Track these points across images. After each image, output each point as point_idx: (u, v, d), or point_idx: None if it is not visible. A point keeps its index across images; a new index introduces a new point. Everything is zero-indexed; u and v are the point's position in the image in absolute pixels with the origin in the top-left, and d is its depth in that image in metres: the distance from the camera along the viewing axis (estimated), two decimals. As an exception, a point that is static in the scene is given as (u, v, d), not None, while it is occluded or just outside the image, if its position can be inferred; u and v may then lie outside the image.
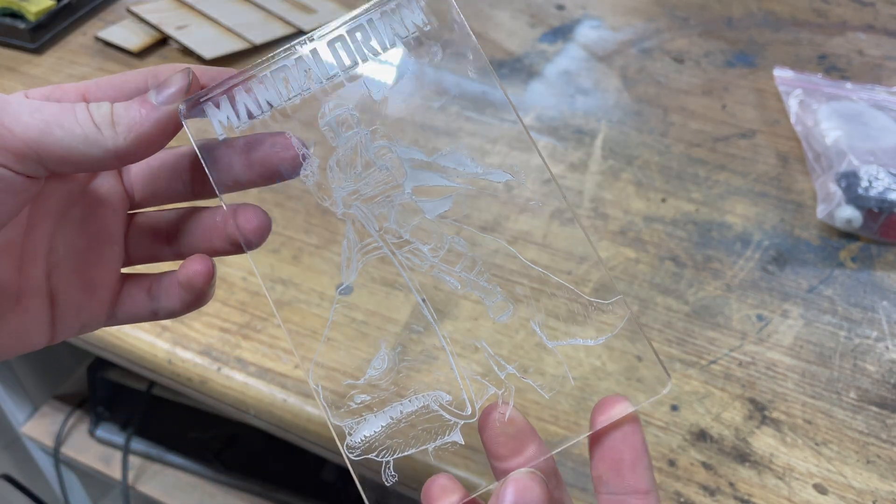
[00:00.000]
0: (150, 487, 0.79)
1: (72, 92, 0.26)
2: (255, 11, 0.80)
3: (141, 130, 0.24)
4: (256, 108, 0.26)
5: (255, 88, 0.26)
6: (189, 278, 0.27)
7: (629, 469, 0.24)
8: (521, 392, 0.46)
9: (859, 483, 0.42)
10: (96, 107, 0.24)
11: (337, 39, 0.26)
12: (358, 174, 0.27)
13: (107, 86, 0.26)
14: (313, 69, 0.26)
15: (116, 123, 0.24)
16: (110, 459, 0.80)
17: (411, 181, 0.27)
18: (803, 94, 0.69)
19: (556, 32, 0.81)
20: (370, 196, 0.27)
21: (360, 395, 0.26)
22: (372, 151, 0.27)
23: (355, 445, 0.25)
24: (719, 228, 0.58)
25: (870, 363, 0.48)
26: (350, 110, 0.27)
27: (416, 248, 0.27)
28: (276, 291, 0.52)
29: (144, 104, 0.24)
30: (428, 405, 0.26)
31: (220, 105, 0.26)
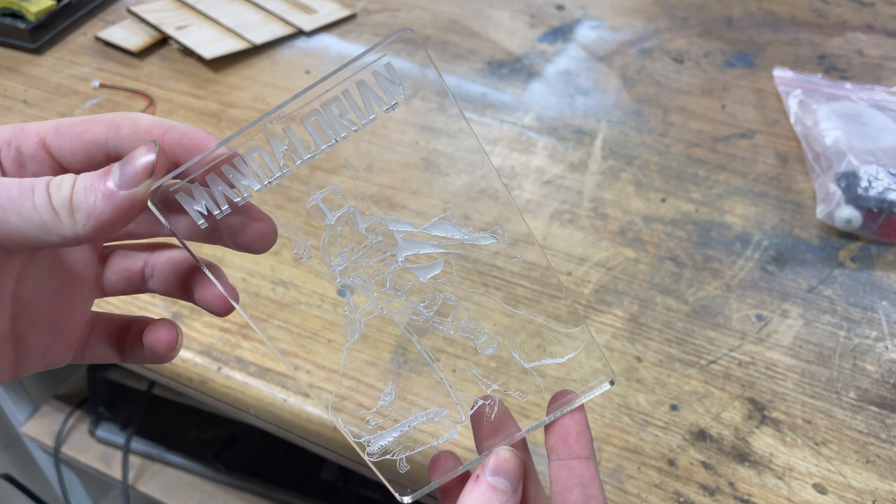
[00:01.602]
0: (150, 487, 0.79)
1: (33, 135, 0.25)
2: (255, 11, 0.80)
3: (101, 218, 0.23)
4: (233, 194, 0.25)
5: (231, 174, 0.25)
6: (153, 344, 0.27)
7: (574, 439, 0.30)
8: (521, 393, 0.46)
9: (859, 483, 0.42)
10: (56, 188, 0.23)
11: (312, 115, 0.24)
12: (352, 249, 0.29)
13: (66, 134, 0.25)
14: (291, 153, 0.25)
15: (76, 210, 0.23)
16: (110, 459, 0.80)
17: (403, 251, 0.29)
18: (803, 95, 0.69)
19: (556, 33, 0.81)
20: (365, 267, 0.29)
21: (375, 419, 0.31)
22: (362, 227, 0.29)
23: (374, 453, 0.31)
24: (719, 228, 0.58)
25: (869, 363, 0.48)
26: (335, 189, 0.28)
27: (413, 307, 0.30)
28: (276, 293, 0.52)
29: (104, 190, 0.23)
30: (431, 418, 0.32)
31: (194, 195, 0.25)
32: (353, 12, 0.82)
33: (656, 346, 0.49)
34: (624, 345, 0.49)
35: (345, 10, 0.82)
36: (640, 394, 0.46)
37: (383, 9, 0.84)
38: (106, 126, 0.25)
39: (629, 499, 0.41)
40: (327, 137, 0.25)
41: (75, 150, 0.25)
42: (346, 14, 0.81)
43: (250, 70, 0.73)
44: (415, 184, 0.60)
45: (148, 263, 0.29)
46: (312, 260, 0.28)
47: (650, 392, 0.46)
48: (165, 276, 0.29)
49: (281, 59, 0.75)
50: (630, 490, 0.42)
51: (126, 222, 0.24)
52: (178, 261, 0.29)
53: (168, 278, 0.29)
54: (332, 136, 0.25)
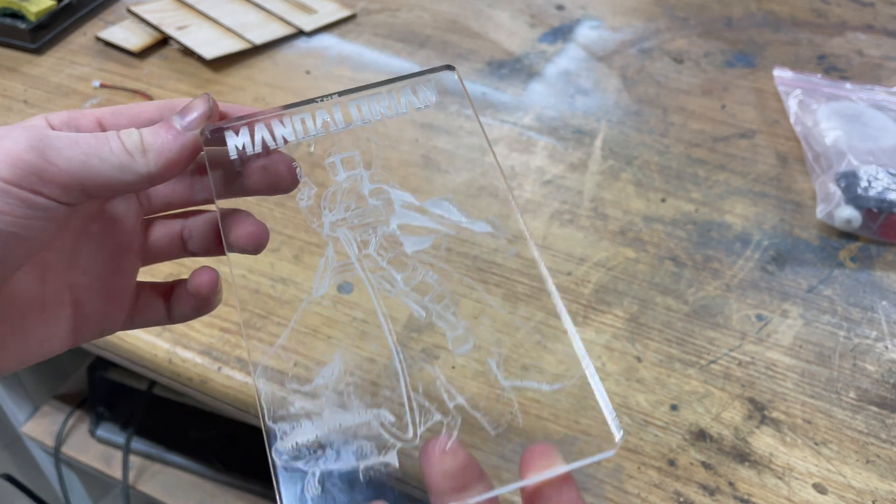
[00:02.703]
0: (150, 487, 0.79)
1: (89, 117, 0.28)
2: (255, 11, 0.80)
3: (169, 156, 0.26)
4: (271, 140, 0.29)
5: (274, 125, 0.29)
6: (196, 287, 0.30)
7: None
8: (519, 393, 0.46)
9: (859, 483, 0.42)
10: (126, 135, 0.26)
11: (356, 101, 0.29)
12: (350, 205, 0.30)
13: (123, 115, 0.29)
14: (330, 122, 0.29)
15: (147, 150, 0.26)
16: (111, 459, 0.80)
17: (398, 219, 0.30)
18: (803, 95, 0.69)
19: (556, 33, 0.81)
20: (356, 225, 0.30)
21: (302, 401, 0.26)
22: (367, 189, 0.30)
23: (284, 451, 0.24)
24: (719, 228, 0.58)
25: (869, 363, 0.48)
26: (355, 154, 0.30)
27: (390, 275, 0.29)
28: (276, 290, 0.52)
29: (170, 130, 0.27)
30: (369, 422, 0.25)
31: (238, 133, 0.28)
32: (354, 12, 0.82)
33: (656, 346, 0.49)
34: (624, 345, 0.49)
35: (345, 10, 0.82)
36: (640, 394, 0.46)
37: (383, 9, 0.84)
38: (159, 108, 0.29)
39: (629, 498, 0.41)
40: (363, 117, 0.29)
41: (132, 127, 0.28)
42: (346, 14, 0.81)
43: (250, 70, 0.73)
44: (415, 181, 0.60)
45: (185, 227, 0.32)
46: (311, 206, 0.29)
47: (650, 392, 0.46)
48: (202, 235, 0.31)
49: (281, 59, 0.75)
50: (630, 490, 0.42)
51: (187, 161, 0.27)
52: (212, 219, 0.32)
53: (205, 237, 0.31)
54: (368, 116, 0.29)
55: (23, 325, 0.27)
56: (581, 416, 0.33)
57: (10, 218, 0.23)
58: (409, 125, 0.66)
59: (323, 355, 0.27)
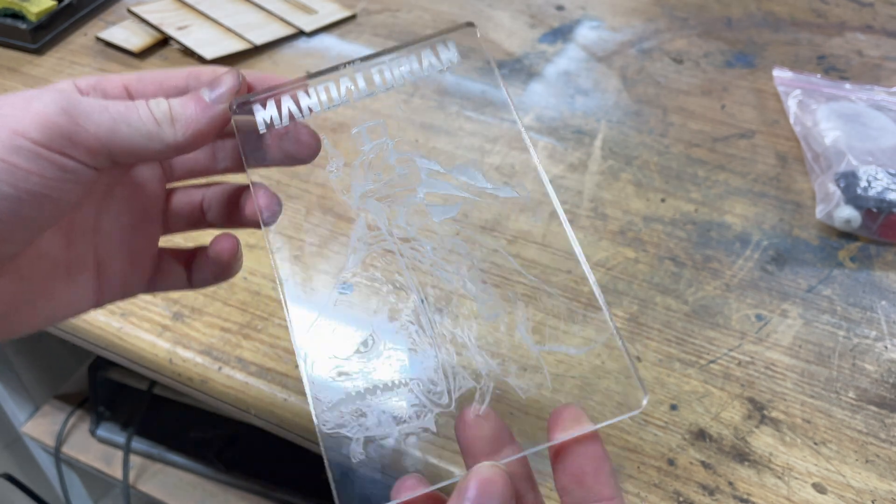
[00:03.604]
0: (150, 487, 0.79)
1: (115, 82, 0.28)
2: (256, 12, 0.80)
3: (197, 127, 0.27)
4: (297, 112, 0.29)
5: (300, 96, 0.29)
6: (217, 253, 0.31)
7: (592, 479, 0.24)
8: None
9: (858, 482, 0.42)
10: (156, 104, 0.26)
11: (378, 66, 0.29)
12: (378, 176, 0.30)
13: (149, 81, 0.29)
14: (354, 90, 0.29)
15: (175, 120, 0.26)
16: (111, 459, 0.80)
17: (425, 187, 0.30)
18: (802, 95, 0.69)
19: (556, 33, 0.81)
20: (385, 195, 0.30)
21: (343, 370, 0.27)
22: (394, 158, 0.30)
23: (329, 419, 0.25)
24: (718, 228, 0.58)
25: (869, 363, 0.49)
26: (381, 122, 0.31)
27: (420, 245, 0.29)
28: (277, 292, 0.52)
29: (199, 102, 0.27)
30: (407, 389, 0.26)
31: (266, 106, 0.29)
32: (354, 13, 0.82)
33: (656, 345, 0.49)
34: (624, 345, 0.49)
35: (345, 10, 0.82)
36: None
37: (383, 9, 0.84)
38: (185, 76, 0.29)
39: (629, 498, 0.41)
40: (386, 82, 0.29)
41: (158, 93, 0.29)
42: (346, 14, 0.81)
43: (251, 70, 0.73)
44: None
45: (205, 197, 0.33)
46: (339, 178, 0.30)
47: (650, 392, 0.46)
48: (221, 205, 0.32)
49: (281, 59, 0.75)
50: (630, 489, 0.42)
51: (215, 133, 0.28)
52: (231, 191, 0.32)
53: (223, 207, 0.32)
54: (391, 82, 0.29)
55: (49, 286, 0.28)
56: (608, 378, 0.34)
57: (40, 179, 0.24)
58: (409, 126, 0.66)
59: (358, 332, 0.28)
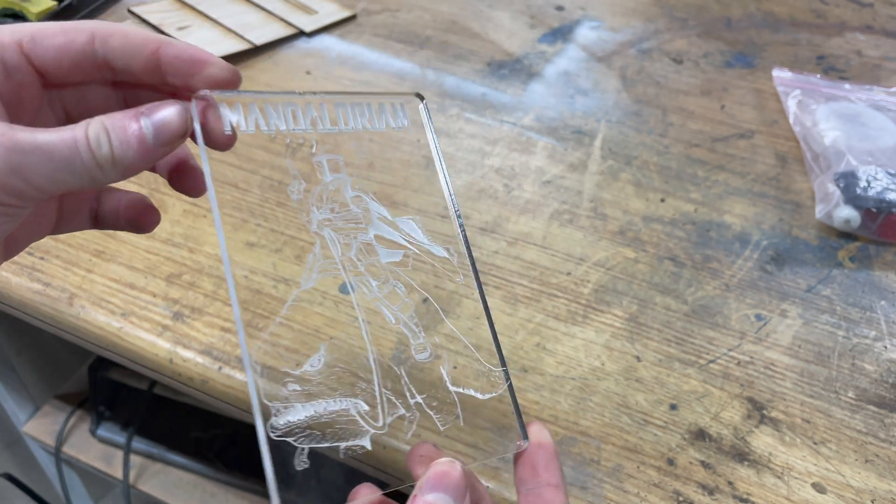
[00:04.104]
0: (151, 487, 0.79)
1: (10, 45, 0.26)
2: (256, 12, 0.80)
3: (137, 167, 0.26)
4: (265, 125, 0.29)
5: (267, 110, 0.29)
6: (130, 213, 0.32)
7: (543, 468, 0.29)
8: (520, 392, 0.46)
9: (858, 482, 0.42)
10: (97, 145, 0.25)
11: (342, 104, 0.31)
12: (334, 208, 0.32)
13: (48, 44, 0.27)
14: (318, 120, 0.30)
15: (116, 163, 0.25)
16: (111, 459, 0.80)
17: (374, 229, 0.33)
18: (802, 95, 0.69)
19: (556, 33, 0.81)
20: (340, 227, 0.32)
21: (294, 384, 0.29)
22: (349, 196, 0.32)
23: (278, 426, 0.27)
24: (718, 228, 0.58)
25: (868, 363, 0.49)
26: (340, 158, 0.33)
27: (367, 280, 0.32)
28: (278, 290, 0.52)
29: (142, 144, 0.25)
30: (348, 409, 0.29)
31: (233, 108, 0.28)
32: (354, 13, 0.82)
33: (655, 345, 0.49)
34: (623, 344, 0.49)
35: (345, 10, 0.82)
36: (640, 393, 0.46)
37: (383, 9, 0.84)
38: (90, 36, 0.27)
39: (629, 498, 0.41)
40: (347, 124, 0.31)
41: (62, 61, 0.27)
42: (346, 15, 0.81)
43: (251, 70, 0.73)
44: (416, 182, 0.60)
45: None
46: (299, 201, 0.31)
47: (649, 391, 0.46)
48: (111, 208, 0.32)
49: (281, 59, 0.75)
50: (629, 489, 0.42)
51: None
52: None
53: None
54: (351, 125, 0.31)
55: None
56: (502, 420, 0.41)
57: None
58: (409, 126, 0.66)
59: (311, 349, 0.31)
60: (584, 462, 0.43)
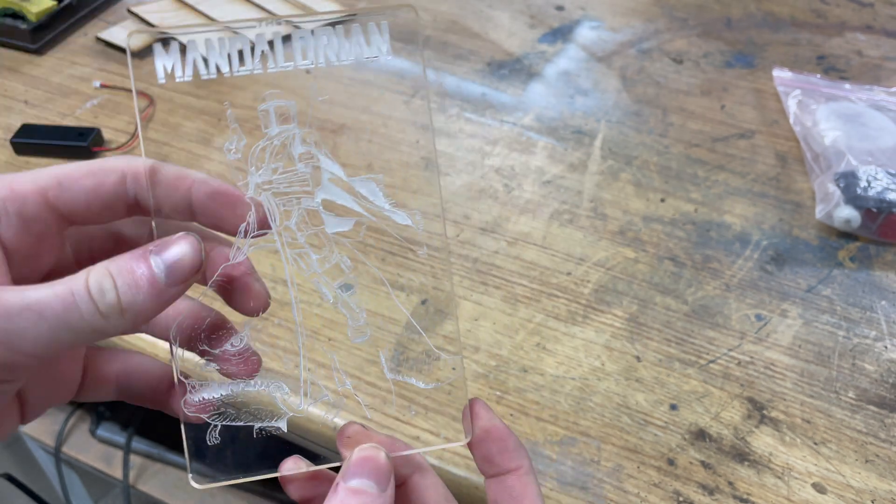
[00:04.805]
0: (150, 487, 0.79)
1: (31, 195, 0.24)
2: (256, 12, 0.80)
3: (149, 312, 0.23)
4: (204, 68, 0.26)
5: (209, 48, 0.25)
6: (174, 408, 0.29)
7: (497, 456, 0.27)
8: (521, 392, 0.46)
9: (858, 482, 0.42)
10: (100, 294, 0.22)
11: (302, 34, 0.26)
12: (277, 168, 0.28)
13: (76, 188, 0.25)
14: (269, 55, 0.26)
15: (125, 311, 0.22)
16: (111, 459, 0.80)
17: (323, 193, 0.28)
18: (802, 95, 0.69)
19: (556, 33, 0.81)
20: (281, 192, 0.28)
21: (212, 362, 0.28)
22: (297, 152, 0.28)
23: (192, 402, 0.27)
24: (718, 228, 0.58)
25: (868, 363, 0.49)
26: (292, 104, 0.28)
27: (306, 252, 0.28)
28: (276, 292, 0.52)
29: (154, 286, 0.23)
30: (268, 390, 0.28)
31: (169, 49, 0.26)
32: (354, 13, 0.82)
33: (656, 345, 0.49)
34: (623, 344, 0.49)
35: (345, 10, 0.82)
36: (640, 393, 0.46)
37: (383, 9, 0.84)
38: (120, 176, 0.25)
39: (629, 498, 0.41)
40: (305, 58, 0.26)
41: (91, 204, 0.25)
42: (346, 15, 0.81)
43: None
44: (415, 183, 0.60)
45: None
46: (238, 161, 0.27)
47: (650, 392, 0.46)
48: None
49: (281, 59, 0.75)
50: (629, 489, 0.42)
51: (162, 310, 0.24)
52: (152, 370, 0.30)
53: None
54: (311, 58, 0.26)
55: None
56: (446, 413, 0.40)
57: None
58: (409, 127, 0.66)
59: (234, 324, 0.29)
60: (584, 462, 0.43)
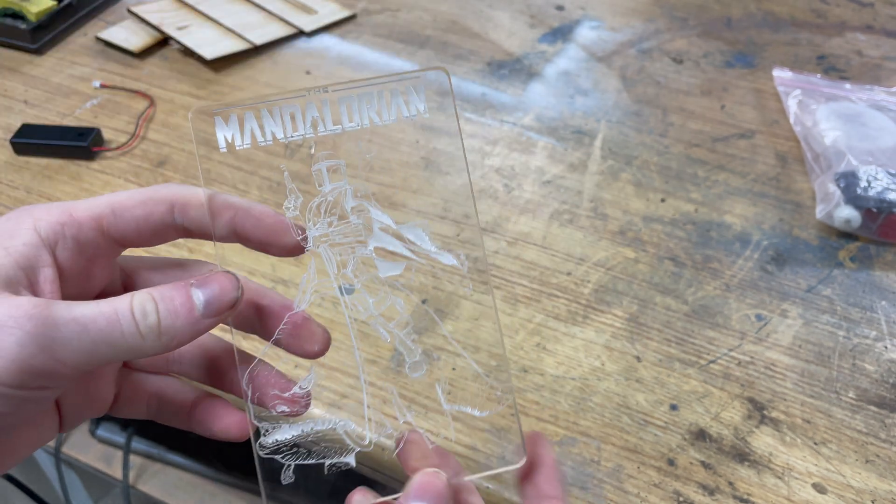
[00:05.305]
0: (150, 487, 0.79)
1: (87, 220, 0.26)
2: (256, 12, 0.80)
3: (183, 338, 0.25)
4: (260, 135, 0.28)
5: (264, 117, 0.28)
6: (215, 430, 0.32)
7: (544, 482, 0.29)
8: (520, 392, 0.46)
9: (858, 482, 0.42)
10: (142, 316, 0.24)
11: (346, 98, 0.29)
12: (332, 222, 0.30)
13: (127, 216, 0.27)
14: (319, 120, 0.29)
15: (162, 334, 0.24)
16: (111, 459, 0.80)
17: (375, 241, 0.31)
18: (802, 95, 0.69)
19: (556, 33, 0.81)
20: (337, 243, 0.30)
21: (282, 405, 0.30)
22: (349, 206, 0.31)
23: (267, 445, 0.29)
24: (718, 228, 0.58)
25: (868, 363, 0.49)
26: (342, 163, 0.31)
27: (363, 297, 0.31)
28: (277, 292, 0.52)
29: (191, 315, 0.25)
30: (334, 428, 0.30)
31: (228, 121, 0.28)
32: (354, 13, 0.82)
33: (656, 345, 0.49)
34: (623, 344, 0.49)
35: (345, 10, 0.82)
36: (640, 393, 0.46)
37: (383, 9, 0.84)
38: (169, 207, 0.28)
39: (629, 498, 0.41)
40: (352, 120, 0.29)
41: (142, 231, 0.27)
42: (346, 14, 0.81)
43: (251, 70, 0.73)
44: (415, 183, 0.60)
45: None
46: (296, 217, 0.30)
47: (650, 392, 0.46)
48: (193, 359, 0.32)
49: (281, 59, 0.75)
50: (630, 489, 0.42)
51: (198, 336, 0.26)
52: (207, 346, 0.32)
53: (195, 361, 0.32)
54: (357, 121, 0.29)
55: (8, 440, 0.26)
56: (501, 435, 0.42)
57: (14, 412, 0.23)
58: (409, 127, 0.66)
59: (304, 369, 0.31)
60: (584, 462, 0.43)
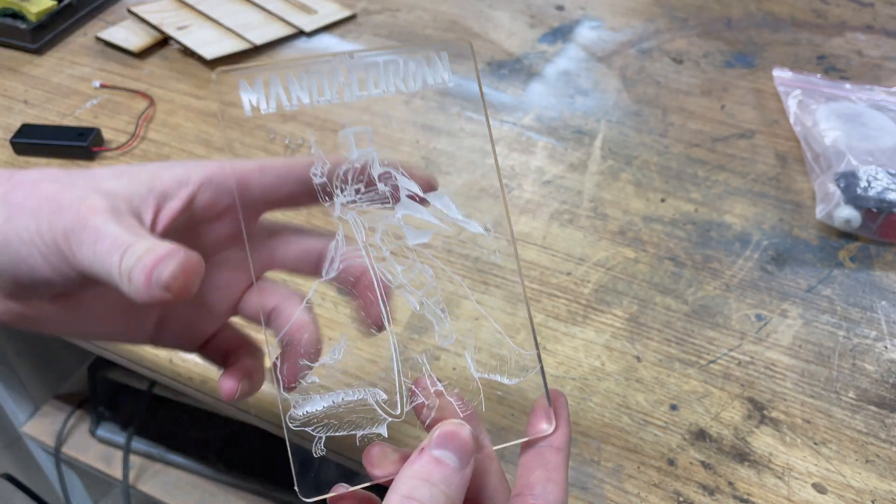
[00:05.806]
0: (151, 487, 0.79)
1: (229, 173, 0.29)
2: (256, 12, 0.80)
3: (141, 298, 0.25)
4: (287, 101, 0.28)
5: (290, 82, 0.28)
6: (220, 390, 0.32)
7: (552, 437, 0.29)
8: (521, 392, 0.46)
9: (858, 482, 0.42)
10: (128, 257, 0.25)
11: (372, 65, 0.29)
12: (360, 188, 0.30)
13: (272, 171, 0.29)
14: (345, 85, 0.29)
15: (131, 282, 0.25)
16: (111, 459, 0.80)
17: (402, 209, 0.30)
18: (802, 95, 0.69)
19: (556, 33, 0.81)
20: (365, 210, 0.30)
21: (312, 376, 0.29)
22: (377, 173, 0.30)
23: (297, 417, 0.28)
24: (718, 228, 0.58)
25: (869, 363, 0.49)
26: (369, 130, 0.31)
27: (392, 265, 0.30)
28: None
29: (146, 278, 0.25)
30: (366, 399, 0.29)
31: (253, 84, 0.28)
32: (354, 13, 0.82)
33: (656, 345, 0.49)
34: (623, 344, 0.49)
35: (345, 10, 0.82)
36: (640, 393, 0.46)
37: (383, 9, 0.84)
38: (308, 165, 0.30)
39: (629, 498, 0.41)
40: (378, 87, 0.29)
41: (281, 188, 0.30)
42: (346, 14, 0.81)
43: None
44: (415, 184, 0.60)
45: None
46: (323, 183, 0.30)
47: (650, 392, 0.46)
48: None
49: (282, 59, 0.75)
50: (630, 489, 0.42)
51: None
52: None
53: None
54: (383, 87, 0.29)
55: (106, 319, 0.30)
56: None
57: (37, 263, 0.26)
58: (410, 127, 0.66)
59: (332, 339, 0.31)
60: (584, 462, 0.43)
